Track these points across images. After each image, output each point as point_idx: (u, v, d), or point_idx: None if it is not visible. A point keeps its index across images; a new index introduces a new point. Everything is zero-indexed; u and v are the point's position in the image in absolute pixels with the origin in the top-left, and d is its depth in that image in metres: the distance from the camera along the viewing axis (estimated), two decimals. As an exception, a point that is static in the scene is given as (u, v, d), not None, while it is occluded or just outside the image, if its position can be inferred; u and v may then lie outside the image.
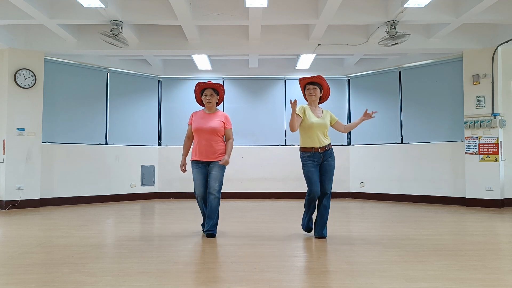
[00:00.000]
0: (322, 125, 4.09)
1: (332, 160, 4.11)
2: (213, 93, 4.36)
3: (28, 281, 2.66)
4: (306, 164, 4.05)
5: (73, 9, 5.81)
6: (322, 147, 4.06)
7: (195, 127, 4.31)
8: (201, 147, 4.27)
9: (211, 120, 4.31)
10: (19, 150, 6.70)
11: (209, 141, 4.25)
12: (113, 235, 4.44)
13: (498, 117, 6.62)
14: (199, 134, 4.28)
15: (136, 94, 8.46)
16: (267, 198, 8.50)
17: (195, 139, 4.35)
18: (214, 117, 4.34)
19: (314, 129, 4.05)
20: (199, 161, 4.28)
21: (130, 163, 8.24)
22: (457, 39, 6.81)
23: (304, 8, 6.02)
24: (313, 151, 4.05)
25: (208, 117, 4.34)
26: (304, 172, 4.09)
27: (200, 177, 4.25)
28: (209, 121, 4.29)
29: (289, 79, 8.82)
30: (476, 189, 6.77)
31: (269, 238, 4.15)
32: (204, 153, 4.26)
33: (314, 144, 4.05)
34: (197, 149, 4.30)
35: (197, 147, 4.31)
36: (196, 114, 4.39)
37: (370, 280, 2.67)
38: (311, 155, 4.05)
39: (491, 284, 2.59)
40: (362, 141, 8.45)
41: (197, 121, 4.33)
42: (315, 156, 4.05)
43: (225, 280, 2.69)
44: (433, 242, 3.90)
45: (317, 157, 4.06)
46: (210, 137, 4.25)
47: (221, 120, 4.33)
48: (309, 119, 4.06)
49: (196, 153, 4.31)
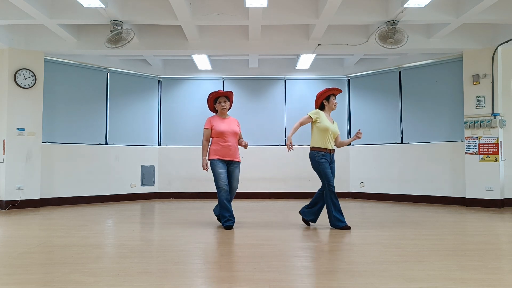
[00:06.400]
0: (334, 130, 4.67)
1: (334, 162, 4.73)
2: (226, 100, 4.93)
3: (28, 281, 2.66)
4: (322, 162, 4.55)
5: (73, 9, 5.81)
6: (332, 150, 4.66)
7: (222, 130, 4.80)
8: (224, 148, 4.78)
9: (230, 124, 4.89)
10: (19, 150, 6.70)
11: (232, 142, 4.82)
12: (113, 235, 4.44)
13: (498, 117, 6.62)
14: (225, 136, 4.80)
15: (136, 94, 8.46)
16: (267, 198, 8.50)
17: (216, 141, 4.83)
18: (232, 122, 4.94)
19: (328, 132, 4.60)
20: (222, 160, 4.77)
21: (130, 163, 8.24)
22: (457, 39, 6.81)
23: (304, 8, 6.02)
24: (326, 152, 4.60)
25: (226, 122, 4.90)
26: (320, 169, 4.56)
27: (224, 173, 4.75)
28: (229, 125, 4.87)
29: (289, 79, 8.82)
30: (476, 189, 6.77)
31: (269, 238, 4.15)
32: (228, 153, 4.79)
33: (327, 146, 4.60)
34: (220, 150, 4.78)
35: (218, 147, 4.79)
36: (214, 119, 4.90)
37: (370, 280, 2.66)
38: (325, 154, 4.58)
39: (491, 284, 2.59)
40: (362, 141, 8.44)
41: (218, 125, 4.84)
42: (327, 156, 4.60)
43: (225, 280, 2.69)
44: (433, 242, 3.90)
45: (328, 157, 4.61)
46: (232, 139, 4.83)
47: (237, 125, 4.98)
48: (324, 123, 4.60)
49: (218, 153, 4.78)
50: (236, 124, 4.95)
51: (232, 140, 4.81)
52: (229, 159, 4.79)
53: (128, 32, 5.97)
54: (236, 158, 4.85)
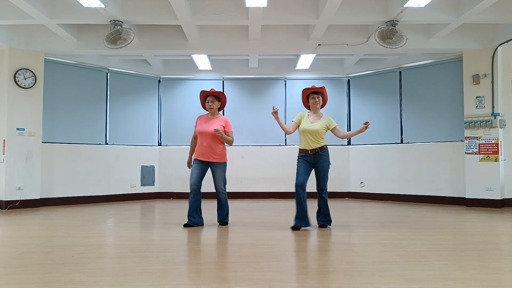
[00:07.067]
0: (312, 131, 4.60)
1: (323, 161, 4.62)
2: (214, 100, 4.84)
3: (28, 281, 2.66)
4: (298, 162, 4.66)
5: (73, 9, 5.81)
6: (312, 150, 4.59)
7: (199, 130, 4.80)
8: (203, 148, 4.75)
9: (213, 124, 4.77)
10: (19, 150, 6.70)
11: (209, 143, 4.72)
12: (113, 235, 4.44)
13: (498, 117, 6.62)
14: (202, 136, 4.76)
15: (136, 94, 8.46)
16: (267, 198, 8.50)
17: (198, 141, 4.83)
18: (216, 121, 4.81)
19: (306, 134, 4.61)
20: (201, 160, 4.77)
21: (130, 163, 8.23)
22: (457, 39, 6.81)
23: (304, 8, 6.02)
24: (305, 153, 4.62)
25: (210, 121, 4.81)
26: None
27: (197, 171, 4.75)
28: (211, 125, 4.75)
29: (289, 79, 8.82)
30: (476, 189, 6.76)
31: (269, 238, 4.15)
32: (205, 153, 4.74)
33: (306, 147, 4.62)
34: (199, 150, 4.78)
35: (199, 148, 4.79)
36: (201, 118, 4.91)
37: (370, 280, 2.66)
38: (304, 155, 4.63)
39: (491, 284, 2.59)
40: (362, 141, 8.45)
41: (201, 125, 4.82)
42: (306, 156, 4.62)
43: (225, 280, 2.69)
44: (433, 242, 3.90)
45: (308, 157, 4.61)
46: (211, 139, 4.73)
47: (221, 124, 4.80)
48: (302, 126, 4.66)
49: (197, 153, 4.81)
50: (219, 124, 4.78)
51: (207, 141, 4.72)
52: (205, 160, 4.75)
53: (128, 32, 5.96)
54: (213, 159, 4.74)
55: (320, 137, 4.62)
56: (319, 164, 4.60)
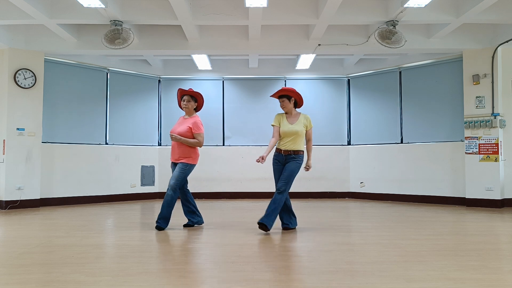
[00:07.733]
0: (292, 132, 4.53)
1: (292, 163, 4.48)
2: (190, 99, 4.78)
3: (28, 281, 2.66)
4: (272, 164, 4.62)
5: (73, 9, 5.80)
6: (286, 151, 4.52)
7: (171, 130, 4.78)
8: (172, 149, 4.77)
9: (182, 125, 4.74)
10: (19, 150, 6.70)
11: (175, 143, 4.70)
12: (113, 235, 4.44)
13: (498, 117, 6.62)
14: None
15: (136, 94, 8.46)
16: (267, 198, 8.47)
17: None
18: (186, 122, 4.74)
19: (285, 135, 4.55)
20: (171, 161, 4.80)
21: (130, 163, 8.23)
22: (457, 39, 6.81)
23: (304, 8, 6.02)
24: (278, 152, 4.59)
25: (182, 122, 4.80)
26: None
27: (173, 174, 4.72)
28: (180, 126, 4.73)
29: (289, 79, 8.81)
30: (476, 189, 6.76)
31: (269, 238, 4.15)
32: (172, 154, 4.76)
33: (280, 146, 4.58)
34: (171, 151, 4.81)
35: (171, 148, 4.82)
36: (180, 118, 4.90)
37: (370, 280, 2.67)
38: (277, 155, 4.60)
39: (491, 284, 2.59)
40: (362, 141, 8.45)
41: (175, 125, 4.83)
42: (279, 156, 4.58)
43: (225, 280, 2.69)
44: (433, 242, 3.90)
45: (280, 157, 4.56)
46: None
47: (189, 125, 4.67)
48: (282, 128, 4.57)
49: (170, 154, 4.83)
50: (187, 125, 4.66)
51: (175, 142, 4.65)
52: (173, 161, 4.75)
53: (127, 32, 5.96)
54: (178, 159, 4.65)
55: (300, 139, 4.54)
56: (287, 165, 4.47)
